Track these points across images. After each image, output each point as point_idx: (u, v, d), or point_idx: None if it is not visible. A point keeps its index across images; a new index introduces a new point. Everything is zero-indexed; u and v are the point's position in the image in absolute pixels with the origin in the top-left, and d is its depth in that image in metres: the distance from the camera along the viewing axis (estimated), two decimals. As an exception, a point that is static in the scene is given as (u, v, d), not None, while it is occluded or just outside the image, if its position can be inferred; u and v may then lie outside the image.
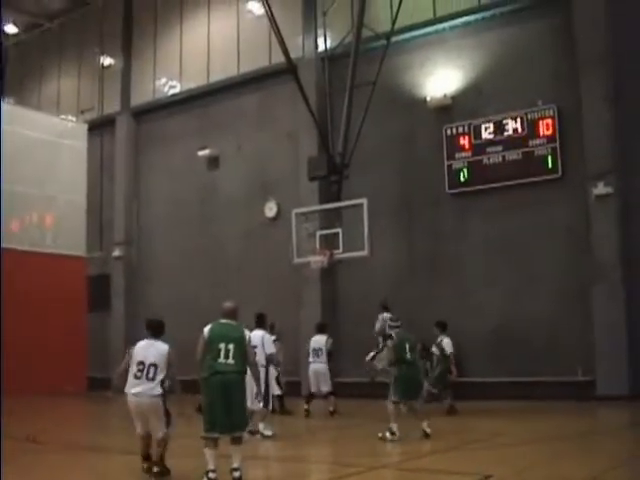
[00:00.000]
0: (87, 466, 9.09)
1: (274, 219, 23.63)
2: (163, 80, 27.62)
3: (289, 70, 19.12)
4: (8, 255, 22.79)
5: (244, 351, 8.99)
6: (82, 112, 29.17)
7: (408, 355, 12.49)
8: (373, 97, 19.12)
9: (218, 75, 25.70)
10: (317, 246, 18.26)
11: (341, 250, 17.87)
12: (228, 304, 9.40)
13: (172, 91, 27.29)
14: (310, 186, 21.13)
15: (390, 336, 12.93)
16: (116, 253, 27.68)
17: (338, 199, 18.92)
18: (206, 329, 9.06)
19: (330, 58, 21.34)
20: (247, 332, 9.20)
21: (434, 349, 16.14)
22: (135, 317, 26.70)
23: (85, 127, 27.24)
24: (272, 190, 23.88)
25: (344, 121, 18.94)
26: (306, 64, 22.54)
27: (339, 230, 17.99)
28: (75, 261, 25.46)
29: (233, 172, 25.13)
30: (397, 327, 13.05)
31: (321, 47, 22.62)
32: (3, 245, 22.94)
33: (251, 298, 22.63)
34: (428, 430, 12.02)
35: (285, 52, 18.66)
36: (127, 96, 28.50)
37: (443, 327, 16.38)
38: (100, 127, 28.33)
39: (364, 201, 17.36)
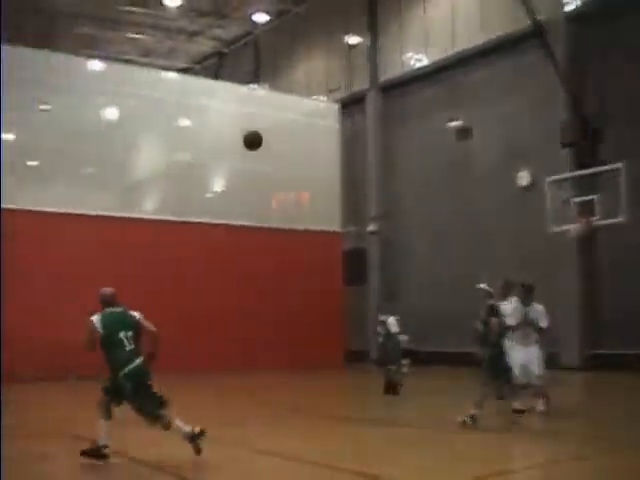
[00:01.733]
0: (345, 434, 9.47)
1: (527, 188, 22.94)
2: (409, 54, 27.68)
3: (536, 33, 18.56)
4: (267, 233, 24.51)
5: None
6: (330, 92, 29.97)
7: None
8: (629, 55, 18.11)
9: (463, 44, 25.31)
10: (575, 214, 17.70)
11: (598, 217, 17.20)
12: None
13: (418, 64, 27.29)
14: (563, 152, 20.40)
15: None
16: (370, 228, 28.18)
17: (593, 164, 18.18)
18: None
19: (579, 18, 20.36)
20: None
21: None
22: (390, 291, 27.13)
23: (336, 106, 27.95)
24: (524, 158, 23.18)
25: (598, 83, 18.11)
26: (553, 26, 21.57)
27: (595, 197, 17.31)
28: (331, 236, 26.30)
29: (483, 142, 24.73)
30: None
31: (569, 7, 21.67)
32: (265, 224, 24.55)
33: (503, 270, 22.32)
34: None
35: (531, 15, 18.10)
36: (375, 72, 28.84)
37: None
38: (349, 105, 28.93)
39: (621, 165, 16.53)
